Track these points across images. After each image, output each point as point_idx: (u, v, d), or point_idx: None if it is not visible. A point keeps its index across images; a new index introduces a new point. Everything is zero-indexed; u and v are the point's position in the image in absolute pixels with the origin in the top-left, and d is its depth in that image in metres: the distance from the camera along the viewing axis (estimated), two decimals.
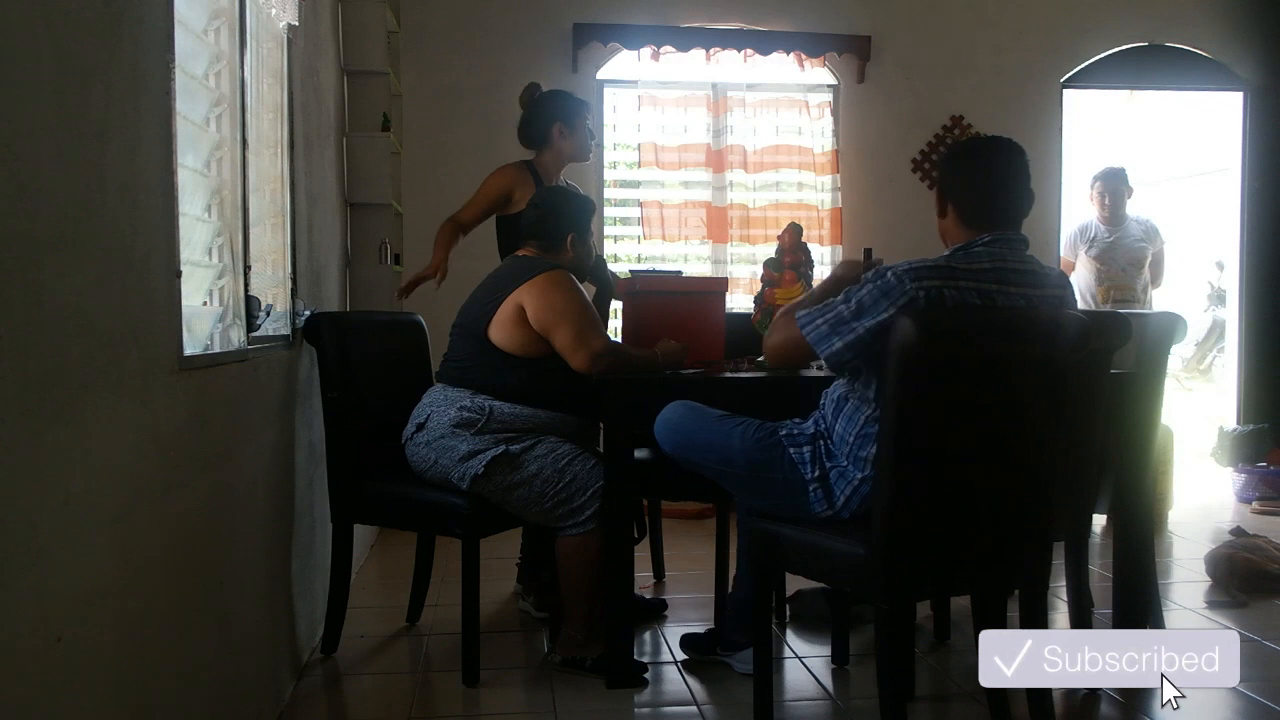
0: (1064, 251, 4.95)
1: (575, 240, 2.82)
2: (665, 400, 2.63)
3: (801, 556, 2.21)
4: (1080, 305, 4.66)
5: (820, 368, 2.88)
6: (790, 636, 3.04)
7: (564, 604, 2.73)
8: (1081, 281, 4.81)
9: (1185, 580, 3.59)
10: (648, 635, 3.05)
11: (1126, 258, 4.77)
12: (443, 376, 2.77)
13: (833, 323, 2.05)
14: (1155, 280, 4.89)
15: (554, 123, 3.27)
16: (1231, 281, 5.99)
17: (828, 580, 2.31)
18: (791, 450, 2.22)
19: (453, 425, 2.63)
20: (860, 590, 2.18)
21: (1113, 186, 4.78)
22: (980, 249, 2.07)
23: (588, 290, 2.99)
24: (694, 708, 2.52)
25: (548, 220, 2.82)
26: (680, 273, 4.08)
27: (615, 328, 3.82)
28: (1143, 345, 2.74)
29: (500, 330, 2.68)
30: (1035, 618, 2.18)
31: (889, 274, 2.01)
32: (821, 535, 2.14)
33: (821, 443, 2.21)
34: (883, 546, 1.98)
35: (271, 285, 2.59)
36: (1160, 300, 5.02)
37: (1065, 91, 5.37)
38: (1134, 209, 4.89)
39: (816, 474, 2.18)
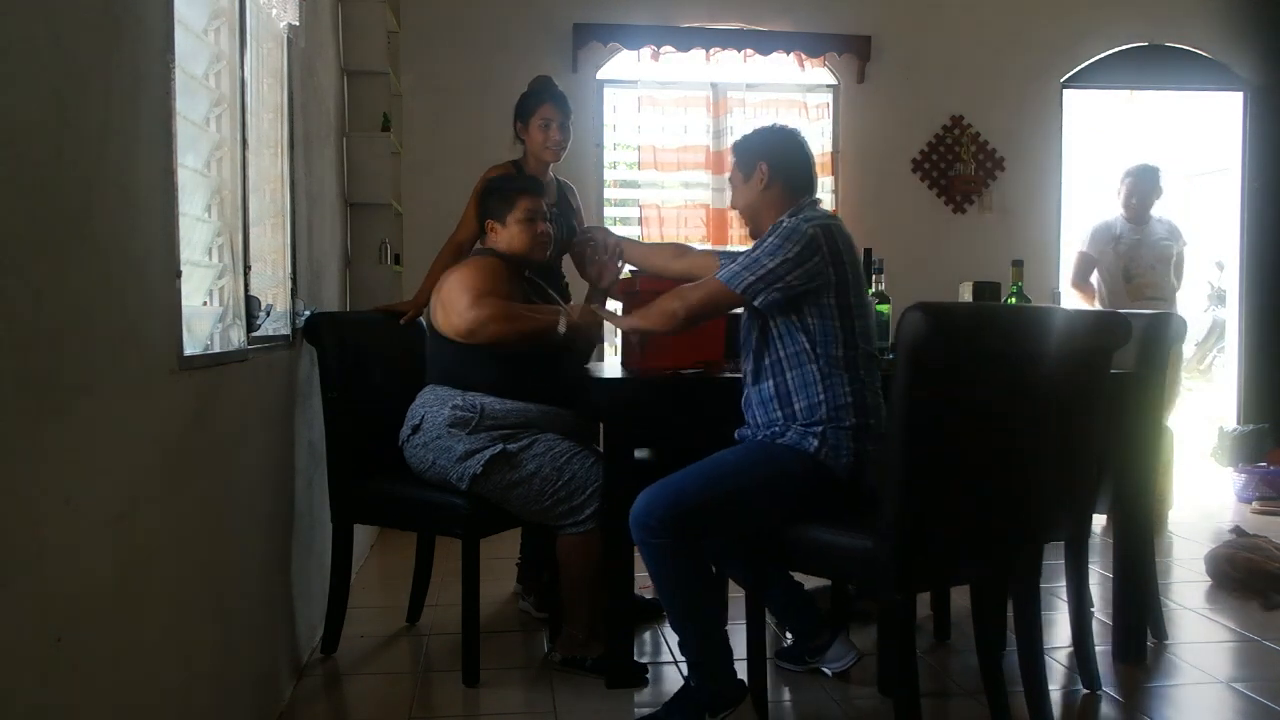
0: (1086, 247, 4.88)
1: (492, 225, 2.83)
2: (665, 400, 2.63)
3: (806, 554, 2.21)
4: (1109, 304, 4.62)
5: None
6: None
7: (564, 603, 2.73)
8: (1109, 280, 4.75)
9: (1185, 580, 3.59)
10: (647, 635, 3.04)
11: (1154, 255, 4.69)
12: (429, 378, 2.78)
13: (753, 269, 2.25)
14: (1178, 281, 4.83)
15: (515, 121, 3.29)
16: (1231, 281, 5.99)
17: (834, 575, 2.31)
18: (779, 441, 2.28)
19: (448, 425, 2.63)
20: (868, 583, 2.18)
21: (1143, 187, 4.71)
22: (816, 208, 2.41)
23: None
24: None
25: (476, 211, 2.91)
26: None
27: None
28: (1143, 345, 2.74)
29: (440, 321, 2.73)
30: (1028, 612, 2.22)
31: (784, 222, 2.30)
32: (826, 530, 2.15)
33: (795, 425, 2.28)
34: (893, 538, 1.98)
35: (271, 285, 2.59)
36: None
37: (1065, 91, 5.38)
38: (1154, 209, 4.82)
39: (816, 444, 2.25)
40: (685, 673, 2.39)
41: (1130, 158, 4.87)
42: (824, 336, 2.28)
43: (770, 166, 2.41)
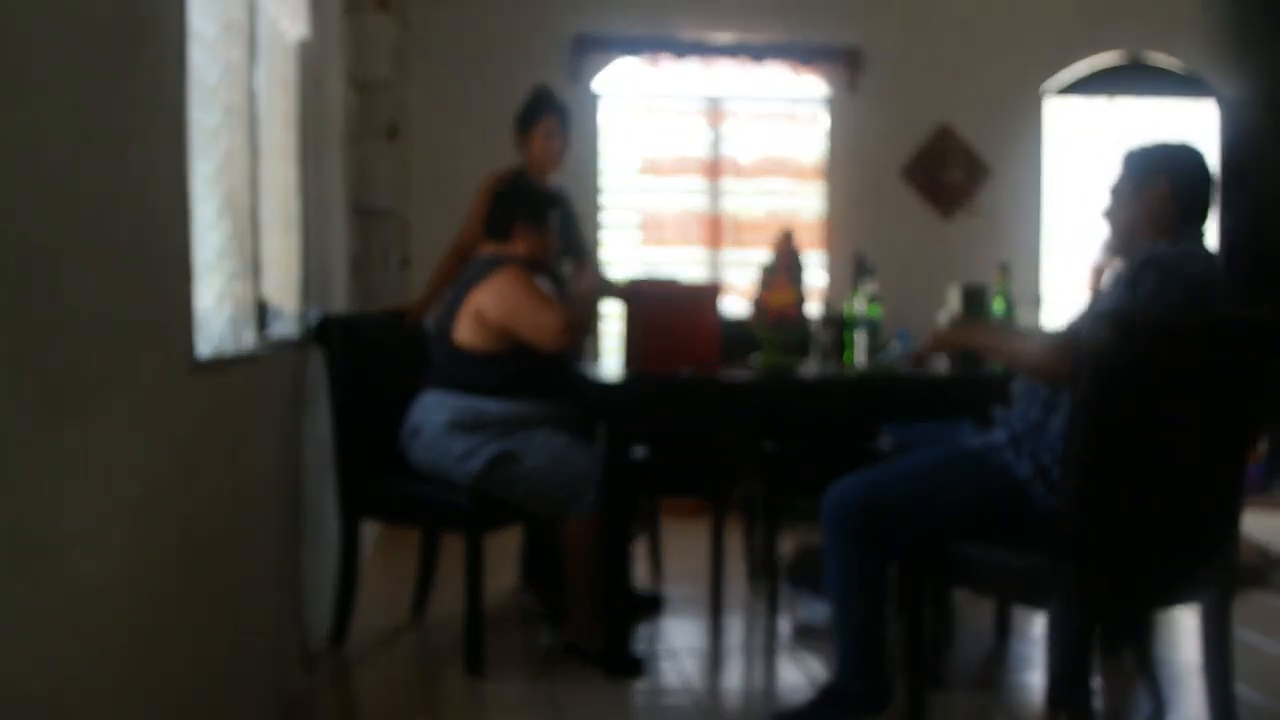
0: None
1: (526, 230, 2.88)
2: (665, 397, 2.69)
3: (975, 571, 2.14)
4: None
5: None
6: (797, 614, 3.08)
7: (568, 590, 2.79)
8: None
9: None
10: (646, 629, 3.11)
11: None
12: (429, 382, 2.84)
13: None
14: None
15: (515, 130, 3.35)
16: None
17: (1003, 595, 2.20)
18: (992, 457, 2.17)
19: (447, 427, 2.71)
20: (1042, 605, 2.06)
21: None
22: (1199, 239, 2.11)
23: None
24: (691, 698, 2.59)
25: (495, 213, 2.91)
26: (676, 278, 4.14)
27: (612, 331, 3.88)
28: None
29: (465, 332, 2.77)
30: (1221, 639, 2.12)
31: (1162, 253, 2.03)
32: (999, 550, 2.07)
33: (1025, 443, 2.15)
34: (1073, 563, 1.89)
35: (282, 288, 2.64)
36: None
37: (1047, 100, 5.44)
38: None
39: (1032, 470, 2.12)
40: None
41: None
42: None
43: (1172, 183, 2.15)
